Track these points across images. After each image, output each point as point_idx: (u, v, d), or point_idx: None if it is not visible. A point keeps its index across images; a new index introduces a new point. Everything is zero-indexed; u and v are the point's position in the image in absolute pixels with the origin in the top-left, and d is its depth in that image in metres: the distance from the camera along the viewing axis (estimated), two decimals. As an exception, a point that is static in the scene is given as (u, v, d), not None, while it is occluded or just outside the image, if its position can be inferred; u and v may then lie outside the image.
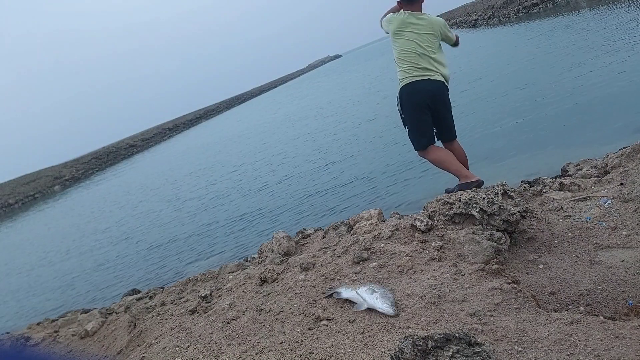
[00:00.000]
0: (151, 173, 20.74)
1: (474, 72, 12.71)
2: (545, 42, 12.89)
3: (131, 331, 3.14)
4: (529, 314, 1.85)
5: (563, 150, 5.08)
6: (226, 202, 8.88)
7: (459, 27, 37.72)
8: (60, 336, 3.89)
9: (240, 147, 16.48)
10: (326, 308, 2.28)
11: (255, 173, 10.57)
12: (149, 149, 47.37)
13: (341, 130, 11.87)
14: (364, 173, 7.08)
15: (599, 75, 7.33)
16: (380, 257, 2.61)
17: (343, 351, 1.92)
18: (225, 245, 6.45)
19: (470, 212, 2.69)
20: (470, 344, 1.56)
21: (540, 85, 8.28)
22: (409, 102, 3.69)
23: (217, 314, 2.67)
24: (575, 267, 2.28)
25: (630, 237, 2.37)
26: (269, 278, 2.82)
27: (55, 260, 10.21)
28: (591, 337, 1.60)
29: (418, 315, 2.00)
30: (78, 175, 42.04)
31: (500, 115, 7.48)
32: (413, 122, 3.73)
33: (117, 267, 7.61)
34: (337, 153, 9.30)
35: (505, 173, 4.95)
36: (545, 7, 23.79)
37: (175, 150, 30.08)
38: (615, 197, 2.78)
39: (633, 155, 3.38)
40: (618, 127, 5.15)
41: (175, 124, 65.87)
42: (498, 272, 2.19)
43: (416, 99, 3.66)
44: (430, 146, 3.74)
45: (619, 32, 10.16)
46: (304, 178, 8.32)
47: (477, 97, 9.36)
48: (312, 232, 4.02)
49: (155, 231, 8.94)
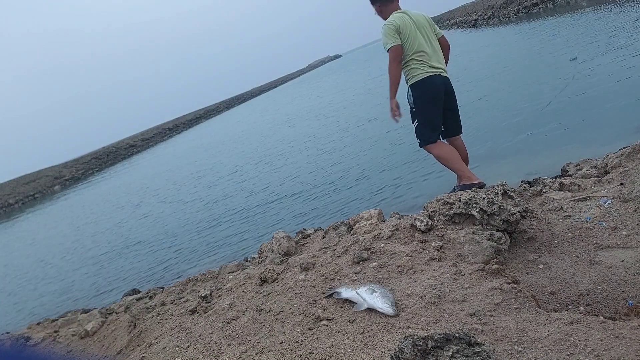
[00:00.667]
0: (151, 173, 20.73)
1: (474, 72, 12.71)
2: (545, 42, 12.89)
3: (131, 331, 3.14)
4: (529, 314, 1.85)
5: (563, 150, 5.08)
6: (226, 202, 8.88)
7: (459, 27, 37.71)
8: (60, 336, 3.89)
9: (242, 148, 16.47)
10: (326, 308, 2.28)
11: (256, 173, 10.57)
12: (149, 148, 47.38)
13: (341, 130, 11.87)
14: (364, 173, 7.08)
15: (599, 75, 7.33)
16: (380, 257, 2.61)
17: (343, 351, 1.92)
18: (225, 245, 6.45)
19: (470, 212, 2.69)
20: (470, 344, 1.56)
21: (540, 85, 8.27)
22: (425, 97, 3.71)
23: (217, 314, 2.67)
24: (575, 267, 2.28)
25: (630, 237, 2.37)
26: (269, 278, 2.82)
27: (55, 260, 10.21)
28: (591, 337, 1.60)
29: (418, 315, 2.00)
30: (78, 175, 42.05)
31: (500, 115, 7.48)
32: (426, 116, 3.74)
33: (117, 267, 7.61)
34: (337, 153, 9.30)
35: (505, 173, 4.95)
36: (545, 7, 23.79)
37: (175, 151, 30.09)
38: (615, 197, 2.78)
39: (633, 155, 3.38)
40: (618, 127, 5.15)
41: (175, 124, 65.91)
42: (498, 272, 2.19)
43: (432, 94, 3.69)
44: (438, 141, 3.78)
45: (619, 32, 10.16)
46: (304, 178, 8.32)
47: (477, 97, 9.36)
48: (312, 232, 4.02)
49: (156, 231, 8.94)
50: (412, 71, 3.72)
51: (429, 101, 3.70)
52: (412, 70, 3.72)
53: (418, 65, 3.68)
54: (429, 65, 3.67)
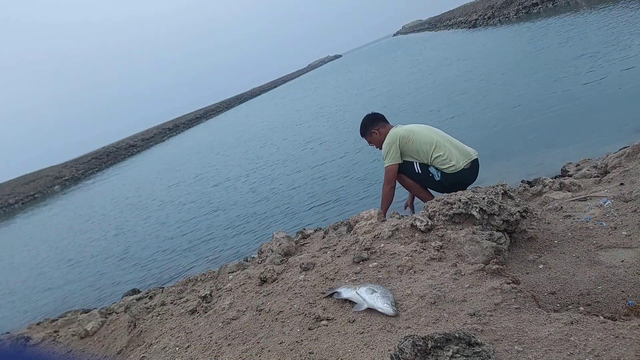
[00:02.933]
0: (151, 174, 20.74)
1: (474, 71, 12.71)
2: (545, 42, 12.89)
3: (131, 331, 3.14)
4: (529, 314, 1.85)
5: (563, 150, 5.08)
6: (226, 203, 8.88)
7: (459, 27, 37.71)
8: (60, 336, 3.90)
9: (243, 148, 16.47)
10: (326, 308, 2.28)
11: (256, 173, 10.57)
12: (149, 148, 47.37)
13: (342, 130, 11.87)
14: (364, 173, 7.09)
15: (599, 75, 7.33)
16: (380, 257, 2.61)
17: (343, 351, 1.92)
18: (225, 245, 6.45)
19: (470, 212, 2.69)
20: (470, 344, 1.56)
21: (540, 85, 8.27)
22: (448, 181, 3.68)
23: (217, 314, 2.67)
24: (575, 267, 2.28)
25: (630, 237, 2.37)
26: (269, 278, 2.82)
27: (54, 260, 10.21)
28: (591, 337, 1.60)
29: (418, 315, 2.00)
30: (78, 175, 42.06)
31: (500, 115, 7.48)
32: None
33: (117, 267, 7.61)
34: (337, 153, 9.30)
35: (505, 173, 4.95)
36: (545, 7, 23.80)
37: (175, 151, 30.08)
38: (615, 197, 2.78)
39: (633, 155, 3.38)
40: (618, 127, 5.15)
41: (175, 124, 65.93)
42: (498, 272, 2.19)
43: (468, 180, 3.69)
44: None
45: (619, 32, 10.16)
46: (304, 178, 8.32)
47: (477, 97, 9.35)
48: (312, 232, 4.02)
49: (155, 231, 8.94)
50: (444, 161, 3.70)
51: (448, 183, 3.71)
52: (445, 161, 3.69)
53: (449, 156, 3.72)
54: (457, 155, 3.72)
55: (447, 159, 3.54)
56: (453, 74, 13.73)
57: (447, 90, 11.61)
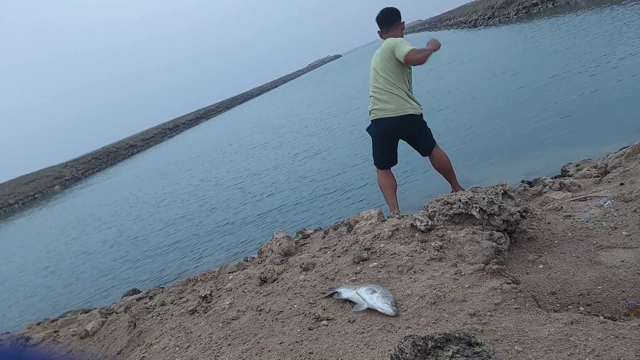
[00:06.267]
0: (151, 174, 20.73)
1: (474, 71, 12.71)
2: (545, 42, 12.89)
3: (131, 331, 3.14)
4: (529, 314, 1.85)
5: (563, 150, 5.08)
6: (226, 203, 8.88)
7: (458, 27, 37.69)
8: (60, 336, 3.89)
9: (244, 148, 16.47)
10: (326, 308, 2.28)
11: (256, 174, 10.57)
12: (149, 148, 47.37)
13: (342, 131, 11.87)
14: (364, 173, 7.08)
15: (599, 75, 7.33)
16: (380, 257, 2.61)
17: (343, 351, 1.92)
18: (225, 245, 6.45)
19: (470, 212, 2.69)
20: (470, 344, 1.56)
21: (540, 85, 8.27)
22: (372, 136, 4.01)
23: (217, 314, 2.67)
24: (575, 267, 2.28)
25: (630, 237, 2.37)
26: (269, 278, 2.82)
27: (55, 260, 10.21)
28: (591, 337, 1.60)
29: (418, 315, 2.00)
30: (78, 175, 42.02)
31: (500, 115, 7.48)
32: (373, 149, 4.08)
33: (117, 267, 7.61)
34: (337, 153, 9.30)
35: (505, 173, 4.95)
36: (545, 7, 23.80)
37: (175, 151, 30.08)
38: (615, 197, 2.78)
39: (633, 155, 3.38)
40: (618, 127, 5.15)
41: (175, 124, 65.90)
42: (498, 272, 2.19)
43: (374, 137, 3.98)
44: (380, 170, 4.07)
45: (619, 32, 10.16)
46: (304, 178, 8.32)
47: (477, 97, 9.35)
48: (312, 232, 4.02)
49: (155, 231, 8.94)
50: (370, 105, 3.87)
51: (373, 141, 4.03)
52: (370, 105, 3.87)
53: (370, 104, 3.86)
54: (373, 109, 3.83)
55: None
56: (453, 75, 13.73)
57: (446, 89, 11.61)
